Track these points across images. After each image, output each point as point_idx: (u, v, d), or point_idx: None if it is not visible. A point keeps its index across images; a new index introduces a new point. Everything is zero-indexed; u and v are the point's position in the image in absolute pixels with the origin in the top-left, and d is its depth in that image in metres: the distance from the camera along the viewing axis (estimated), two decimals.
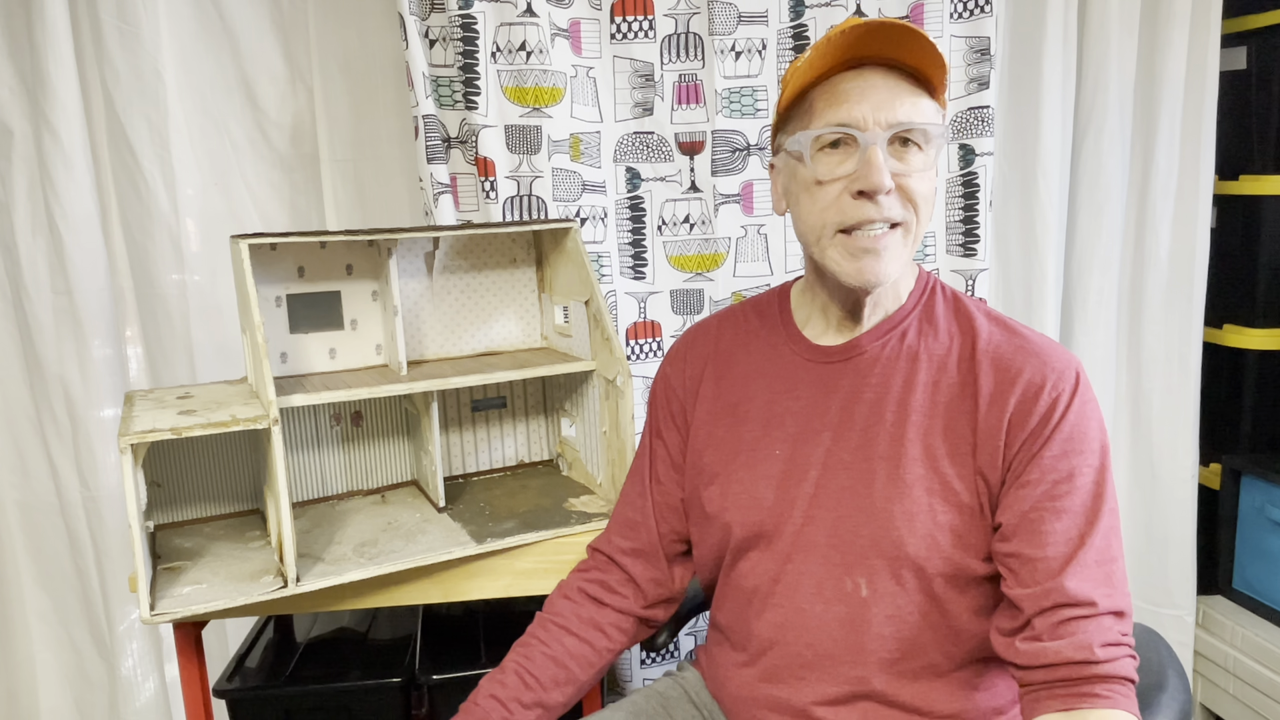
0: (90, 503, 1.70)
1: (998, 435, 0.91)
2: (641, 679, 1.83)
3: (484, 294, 1.53)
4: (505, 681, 1.04)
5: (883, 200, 0.91)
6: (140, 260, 1.69)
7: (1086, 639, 0.83)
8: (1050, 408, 0.90)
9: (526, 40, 1.56)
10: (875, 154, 0.90)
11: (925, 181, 0.93)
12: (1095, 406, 0.93)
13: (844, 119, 0.91)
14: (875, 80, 0.91)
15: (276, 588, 1.14)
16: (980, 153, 1.73)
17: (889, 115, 0.90)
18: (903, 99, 0.91)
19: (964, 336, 0.97)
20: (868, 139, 0.90)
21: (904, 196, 0.92)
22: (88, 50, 1.61)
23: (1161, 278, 1.90)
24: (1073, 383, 0.92)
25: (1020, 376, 0.92)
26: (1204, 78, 1.83)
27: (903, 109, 0.91)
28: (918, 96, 0.92)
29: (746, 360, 1.08)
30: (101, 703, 1.80)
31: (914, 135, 0.91)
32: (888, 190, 0.91)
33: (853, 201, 0.92)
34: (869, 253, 0.93)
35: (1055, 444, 0.90)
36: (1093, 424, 0.91)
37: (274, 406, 1.11)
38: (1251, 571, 1.92)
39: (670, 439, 1.12)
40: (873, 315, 1.00)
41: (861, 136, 0.91)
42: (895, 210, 0.92)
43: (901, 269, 0.96)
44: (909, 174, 0.92)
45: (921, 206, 0.93)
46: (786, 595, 0.99)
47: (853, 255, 0.93)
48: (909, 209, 0.93)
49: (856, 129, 0.91)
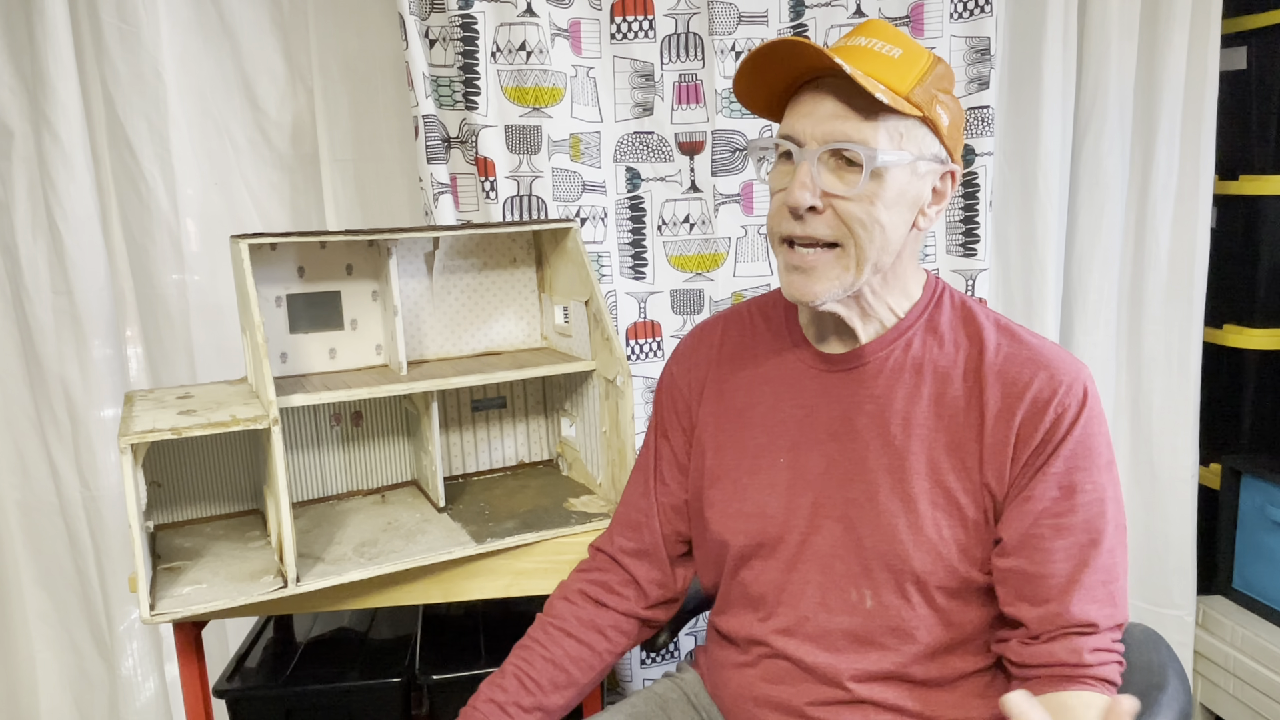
0: (90, 503, 1.70)
1: (1005, 450, 0.91)
2: (641, 679, 1.83)
3: (484, 294, 1.53)
4: (504, 685, 1.04)
5: (807, 218, 0.90)
6: (140, 260, 1.69)
7: (1079, 645, 0.87)
8: (1056, 422, 0.89)
9: (526, 40, 1.56)
10: (802, 170, 0.89)
11: (863, 206, 0.89)
12: (1101, 420, 0.92)
13: (788, 131, 0.91)
14: (828, 96, 0.89)
15: (276, 588, 1.14)
16: (980, 153, 1.73)
17: (827, 132, 0.88)
18: (850, 117, 0.88)
19: (971, 347, 0.96)
20: (800, 154, 0.89)
21: (835, 218, 0.90)
22: (88, 50, 1.61)
23: (1161, 278, 1.90)
24: (1080, 397, 0.90)
25: (1028, 390, 0.91)
26: (1204, 78, 1.83)
27: (844, 127, 0.88)
28: (874, 119, 0.88)
29: (752, 364, 1.07)
30: (101, 703, 1.80)
31: (851, 155, 0.88)
32: (806, 207, 0.89)
33: (786, 215, 0.91)
34: (797, 270, 0.92)
35: (1059, 460, 0.89)
36: (1099, 439, 0.91)
37: (274, 406, 1.11)
38: (1251, 571, 1.92)
39: (675, 440, 1.12)
40: (866, 327, 0.98)
41: (796, 151, 0.90)
42: (820, 229, 0.90)
43: (839, 291, 0.92)
44: (843, 196, 0.89)
45: (857, 231, 0.89)
46: (792, 603, 0.99)
47: (786, 269, 0.94)
48: (843, 230, 0.90)
49: (795, 142, 0.90)
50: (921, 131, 0.91)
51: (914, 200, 0.92)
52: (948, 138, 0.92)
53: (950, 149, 0.93)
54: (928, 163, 0.91)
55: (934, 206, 0.94)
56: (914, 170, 0.91)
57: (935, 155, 0.92)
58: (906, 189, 0.91)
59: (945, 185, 0.95)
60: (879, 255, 0.91)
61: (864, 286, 0.94)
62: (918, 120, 0.90)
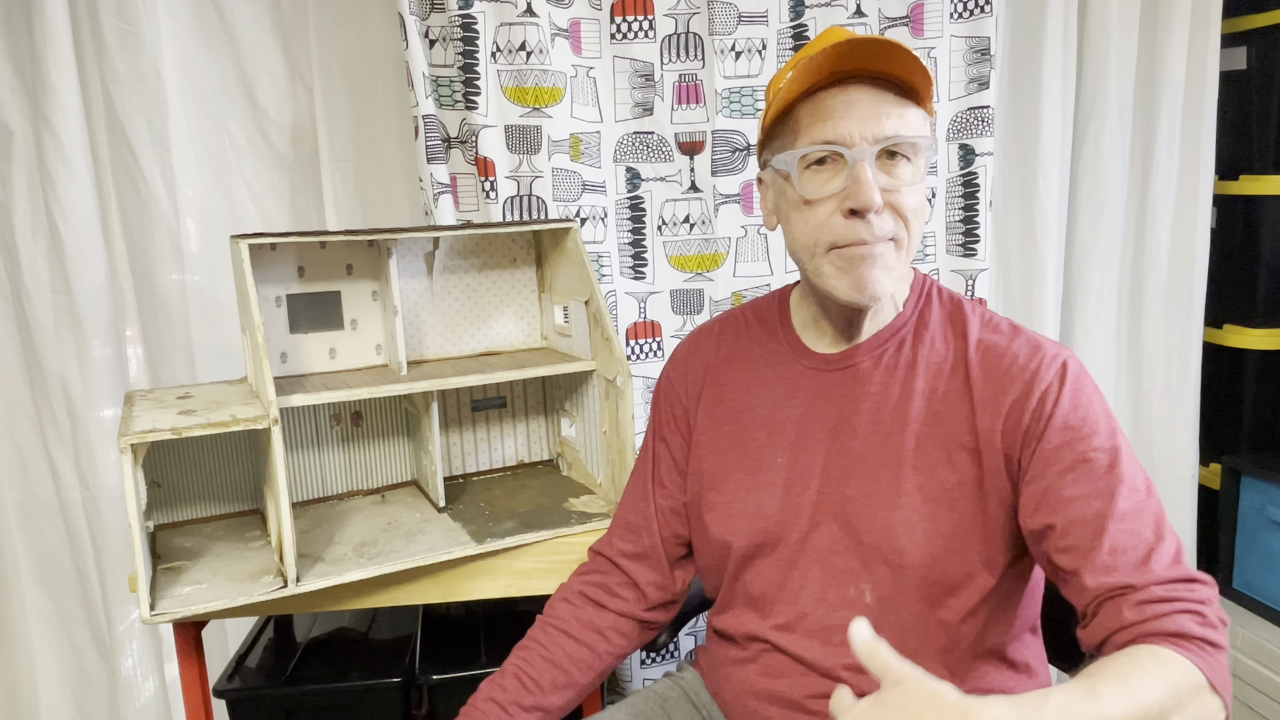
0: (90, 503, 1.70)
1: (995, 439, 0.91)
2: (642, 679, 1.83)
3: (484, 294, 1.53)
4: (505, 685, 1.04)
5: (874, 219, 0.90)
6: (140, 260, 1.69)
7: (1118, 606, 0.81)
8: (1041, 400, 0.90)
9: (526, 40, 1.56)
10: (864, 171, 0.88)
11: (915, 195, 0.92)
12: (1091, 393, 0.91)
13: (830, 136, 0.90)
14: (860, 95, 0.90)
15: (276, 588, 1.14)
16: (980, 153, 1.73)
17: (876, 130, 0.89)
18: (888, 112, 0.89)
19: (959, 342, 0.97)
20: (855, 155, 0.89)
21: (894, 212, 0.91)
22: (88, 50, 1.61)
23: (1161, 278, 1.90)
24: (1058, 371, 0.91)
25: (1009, 377, 0.92)
26: (1204, 78, 1.83)
27: (889, 122, 0.89)
28: (904, 108, 0.90)
29: (748, 366, 1.08)
30: (101, 703, 1.80)
31: (902, 148, 0.90)
32: (879, 208, 0.89)
33: (844, 220, 0.91)
34: (864, 260, 0.91)
35: (1052, 435, 0.89)
36: (1093, 408, 0.90)
37: (274, 406, 1.11)
38: (1251, 571, 1.92)
39: (673, 442, 1.12)
40: (870, 326, 1.00)
41: (849, 153, 0.89)
42: (887, 227, 0.91)
43: (896, 283, 0.94)
44: (899, 188, 0.90)
45: (912, 220, 0.92)
46: (791, 601, 0.99)
47: (846, 267, 0.92)
48: (900, 224, 0.92)
49: (843, 146, 0.89)
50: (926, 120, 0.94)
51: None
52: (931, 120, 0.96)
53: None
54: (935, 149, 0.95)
55: None
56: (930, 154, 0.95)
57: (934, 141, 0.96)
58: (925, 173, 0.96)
59: None
60: (918, 241, 0.96)
61: None
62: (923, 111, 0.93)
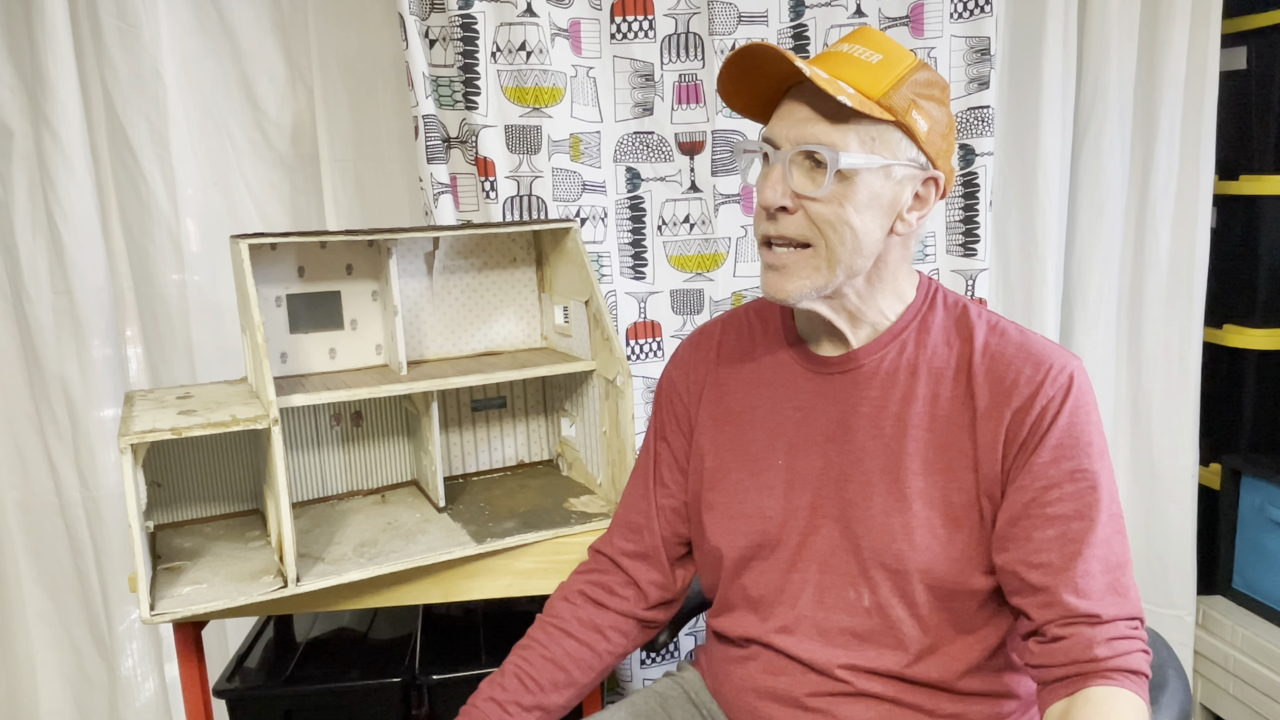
0: (90, 503, 1.70)
1: (996, 448, 0.91)
2: (642, 679, 1.83)
3: (484, 294, 1.53)
4: (505, 684, 1.05)
5: (779, 217, 0.92)
6: (140, 260, 1.69)
7: (1090, 638, 0.84)
8: (1041, 413, 0.90)
9: (526, 40, 1.56)
10: (775, 170, 0.92)
11: (831, 207, 0.90)
12: (1091, 410, 0.92)
13: (768, 134, 0.94)
14: (803, 102, 0.91)
15: (276, 588, 1.14)
16: (980, 153, 1.73)
17: (798, 134, 0.91)
18: (821, 122, 0.90)
19: (964, 347, 0.96)
20: (775, 156, 0.92)
21: (805, 218, 0.92)
22: (88, 50, 1.61)
23: (1161, 278, 1.90)
24: (1064, 385, 0.91)
25: (1015, 386, 0.91)
26: (1204, 78, 1.83)
27: (813, 130, 0.90)
28: (844, 123, 0.89)
29: (750, 367, 1.07)
30: (101, 703, 1.80)
31: (820, 157, 0.90)
32: (776, 207, 0.92)
33: (764, 215, 0.94)
34: (771, 268, 0.95)
35: (1046, 449, 0.89)
36: (1089, 428, 0.90)
37: (274, 406, 1.11)
38: (1251, 571, 1.92)
39: (674, 442, 1.12)
40: (857, 330, 0.99)
41: (772, 154, 0.93)
42: (791, 229, 0.92)
43: (813, 291, 0.94)
44: (811, 196, 0.90)
45: (826, 232, 0.91)
46: (790, 603, 0.99)
47: (764, 268, 0.96)
48: (814, 231, 0.92)
49: (771, 145, 0.93)
50: (896, 136, 0.91)
51: (890, 205, 0.92)
52: (926, 143, 0.92)
53: (931, 155, 0.93)
54: (904, 167, 0.92)
55: (914, 212, 0.94)
56: (888, 174, 0.91)
57: (913, 160, 0.92)
58: (880, 193, 0.91)
59: (928, 191, 0.94)
60: (851, 257, 0.92)
61: (845, 288, 0.95)
62: (891, 125, 0.90)
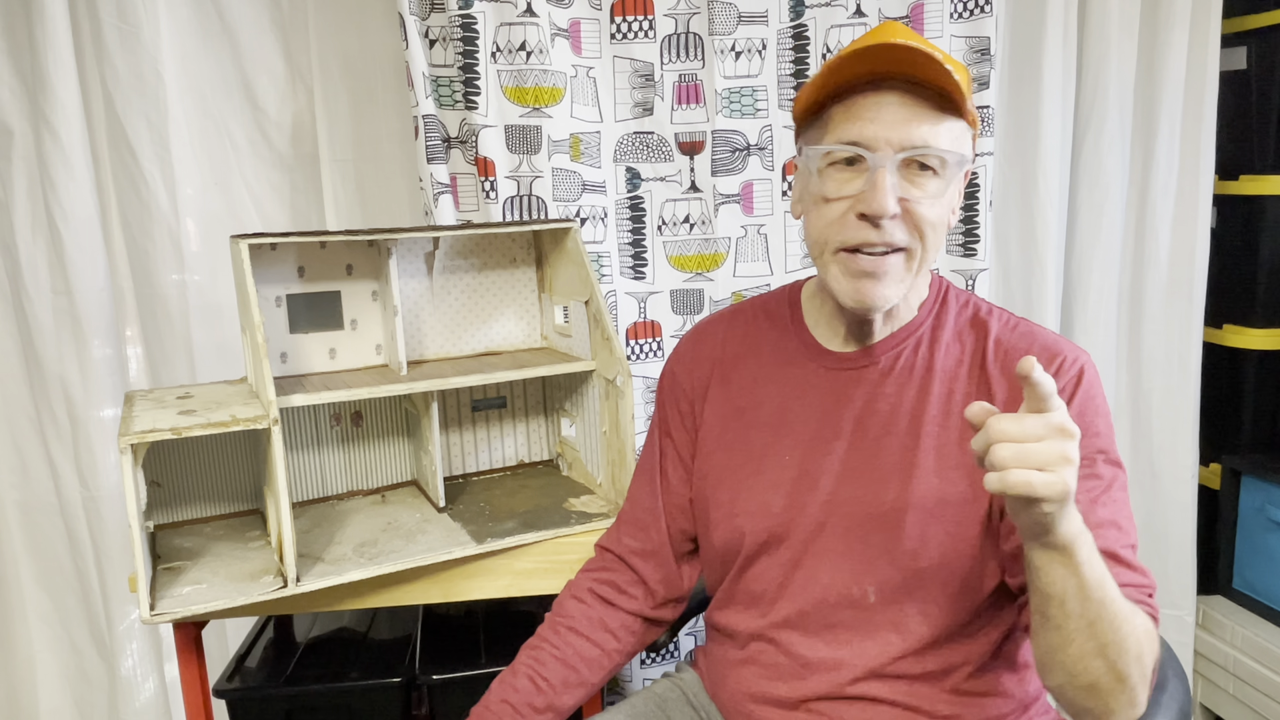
0: (90, 503, 1.70)
1: None
2: (641, 679, 1.83)
3: (484, 294, 1.53)
4: (517, 685, 1.04)
5: (886, 225, 0.88)
6: (140, 260, 1.69)
7: None
8: None
9: (526, 40, 1.56)
10: (882, 177, 0.87)
11: (936, 208, 0.90)
12: (1099, 402, 0.92)
13: (855, 137, 0.89)
14: (893, 99, 0.88)
15: (276, 588, 1.14)
16: (980, 152, 1.73)
17: (903, 137, 0.87)
18: (921, 121, 0.87)
19: (977, 344, 0.97)
20: (877, 160, 0.88)
21: (910, 222, 0.90)
22: (88, 50, 1.61)
23: (1161, 278, 1.90)
24: (1075, 375, 0.92)
25: None
26: (1204, 78, 1.83)
27: (919, 131, 0.87)
28: (939, 118, 0.88)
29: (756, 363, 1.07)
30: (101, 703, 1.80)
31: (928, 160, 0.88)
32: (891, 215, 0.88)
33: (855, 222, 0.90)
34: (868, 275, 0.91)
35: None
36: (1096, 419, 0.91)
37: (274, 406, 1.11)
38: (1251, 571, 1.92)
39: (680, 438, 1.11)
40: (884, 328, 0.99)
41: (871, 157, 0.88)
42: (898, 236, 0.90)
43: (903, 294, 0.93)
44: (918, 200, 0.89)
45: (928, 234, 0.90)
46: (793, 598, 0.99)
47: (851, 275, 0.92)
48: (915, 236, 0.90)
49: (867, 149, 0.88)
50: (963, 128, 0.92)
51: (956, 200, 0.95)
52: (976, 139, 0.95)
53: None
54: (969, 163, 0.94)
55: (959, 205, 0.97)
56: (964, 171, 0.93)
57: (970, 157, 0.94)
58: (959, 189, 0.94)
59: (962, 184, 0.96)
60: (935, 256, 0.94)
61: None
62: (964, 123, 0.91)
